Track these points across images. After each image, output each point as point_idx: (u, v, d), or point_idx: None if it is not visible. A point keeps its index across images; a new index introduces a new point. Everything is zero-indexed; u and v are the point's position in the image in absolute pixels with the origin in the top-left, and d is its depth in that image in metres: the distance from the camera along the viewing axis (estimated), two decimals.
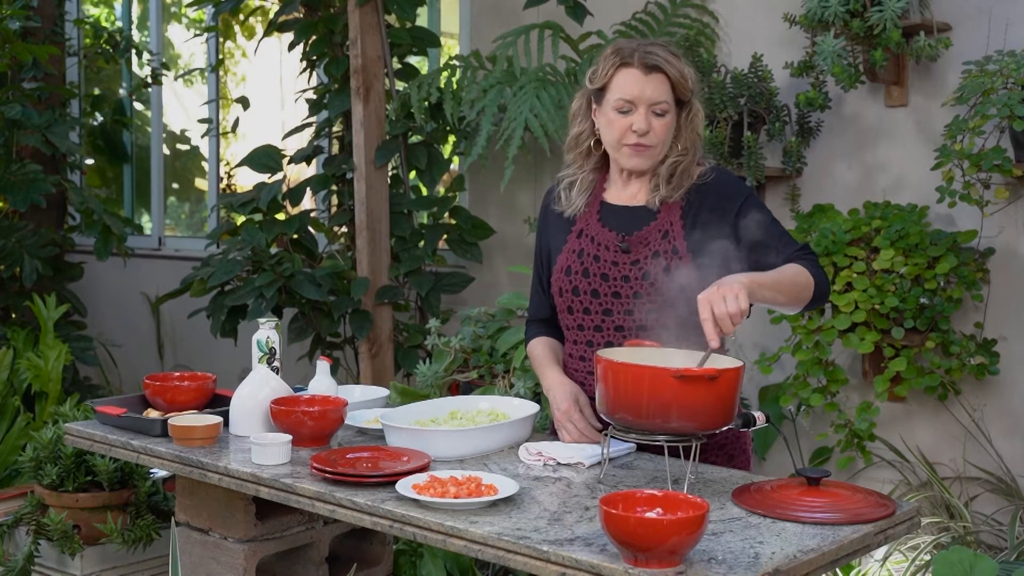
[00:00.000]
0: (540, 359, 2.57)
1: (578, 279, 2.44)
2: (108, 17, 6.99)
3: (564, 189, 2.54)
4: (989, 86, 3.30)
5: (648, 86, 2.35)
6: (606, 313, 2.42)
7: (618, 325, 2.40)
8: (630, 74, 2.36)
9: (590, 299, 2.43)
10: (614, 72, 2.38)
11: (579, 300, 2.44)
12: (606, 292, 2.41)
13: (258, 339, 2.67)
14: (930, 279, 3.48)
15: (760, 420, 2.16)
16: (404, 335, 4.56)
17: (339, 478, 2.15)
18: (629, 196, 2.48)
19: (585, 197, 2.50)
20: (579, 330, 2.47)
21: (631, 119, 2.36)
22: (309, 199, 5.03)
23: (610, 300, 2.41)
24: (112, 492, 3.47)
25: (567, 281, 2.46)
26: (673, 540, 1.69)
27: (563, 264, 2.47)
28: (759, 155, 3.85)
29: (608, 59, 2.40)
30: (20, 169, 5.12)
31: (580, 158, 2.52)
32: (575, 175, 2.53)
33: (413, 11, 4.56)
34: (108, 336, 6.06)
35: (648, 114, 2.36)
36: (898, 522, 2.02)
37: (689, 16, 4.20)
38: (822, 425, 3.90)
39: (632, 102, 2.35)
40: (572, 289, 2.45)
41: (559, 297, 2.49)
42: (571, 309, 2.47)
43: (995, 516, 3.61)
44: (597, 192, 2.51)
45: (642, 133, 2.36)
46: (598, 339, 2.43)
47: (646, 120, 2.36)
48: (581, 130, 2.50)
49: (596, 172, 2.52)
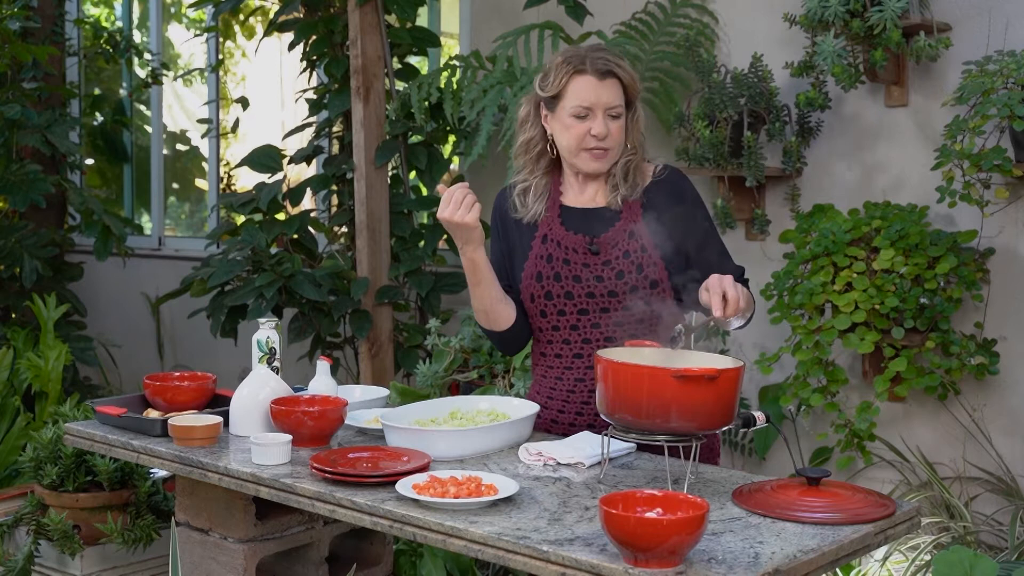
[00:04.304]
0: None
1: (550, 283, 2.51)
2: (108, 17, 6.99)
3: (518, 195, 2.60)
4: (989, 86, 3.30)
5: (604, 91, 2.45)
6: (581, 312, 2.50)
7: (595, 323, 2.49)
8: (585, 81, 2.45)
9: (564, 301, 2.50)
10: (568, 80, 2.46)
11: (552, 304, 2.51)
12: (579, 293, 2.49)
13: (258, 339, 2.67)
14: (930, 279, 3.48)
15: (760, 420, 2.17)
16: (404, 335, 4.56)
17: (339, 478, 2.15)
18: (588, 198, 2.57)
19: (543, 202, 2.57)
20: (554, 331, 2.54)
21: (588, 124, 2.45)
22: (309, 199, 5.03)
23: (584, 300, 2.49)
24: (112, 492, 3.47)
25: (539, 287, 2.52)
26: (673, 540, 1.69)
27: (532, 270, 2.53)
28: (759, 155, 3.85)
29: (560, 68, 2.47)
30: (20, 169, 5.12)
31: (530, 163, 2.59)
32: (527, 180, 2.60)
33: (413, 11, 4.56)
34: (108, 336, 6.06)
35: (605, 118, 2.45)
36: (898, 522, 2.02)
37: (689, 16, 4.20)
38: (822, 425, 3.90)
39: (590, 108, 2.45)
40: (545, 294, 2.51)
41: (531, 303, 2.55)
42: (544, 313, 2.53)
43: (995, 516, 3.61)
44: (554, 196, 2.58)
45: (602, 137, 2.45)
46: (575, 337, 2.51)
47: (604, 124, 2.45)
48: (531, 136, 2.58)
49: (547, 176, 2.59)
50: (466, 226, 2.38)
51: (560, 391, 2.56)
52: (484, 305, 2.53)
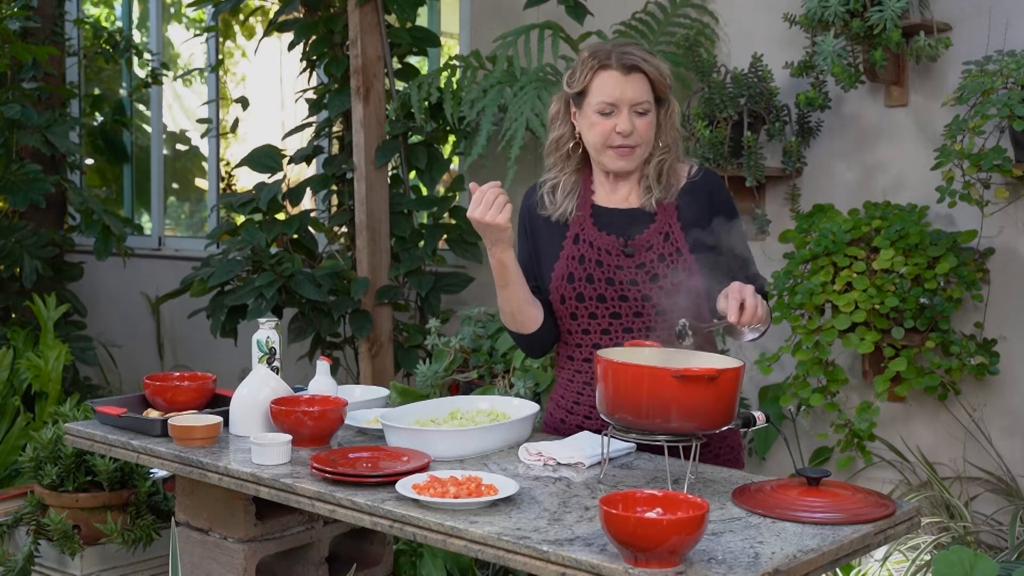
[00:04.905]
0: None
1: (582, 285, 2.44)
2: (108, 17, 6.99)
3: (547, 193, 2.54)
4: (989, 86, 3.30)
5: (629, 87, 2.38)
6: (614, 316, 2.43)
7: (627, 327, 2.42)
8: (610, 76, 2.39)
9: (596, 304, 2.44)
10: (592, 75, 2.40)
11: (584, 306, 2.45)
12: (612, 296, 2.43)
13: (258, 339, 2.67)
14: (930, 279, 3.48)
15: (760, 420, 2.17)
16: (404, 335, 4.56)
17: (339, 478, 2.15)
18: (621, 198, 2.50)
19: (573, 200, 2.51)
20: (584, 334, 2.47)
21: (614, 121, 2.39)
22: (309, 199, 5.03)
23: (617, 304, 2.43)
24: (112, 492, 3.47)
25: (570, 288, 2.46)
26: (673, 540, 1.69)
27: (563, 271, 2.47)
28: (759, 155, 3.85)
29: (586, 63, 2.42)
30: (20, 169, 5.12)
31: (560, 161, 2.53)
32: (556, 178, 2.54)
33: (413, 11, 4.56)
34: (108, 336, 6.06)
35: (631, 115, 2.39)
36: (898, 522, 2.02)
37: (689, 16, 4.20)
38: (822, 425, 3.90)
39: (614, 104, 2.38)
40: (576, 296, 2.45)
41: (561, 304, 2.48)
42: (575, 315, 2.47)
43: (995, 516, 3.61)
44: (585, 195, 2.52)
45: (627, 134, 2.39)
46: (606, 341, 2.45)
47: (629, 121, 2.39)
48: (561, 134, 2.52)
49: (577, 174, 2.53)
50: (497, 227, 2.32)
51: (587, 396, 2.50)
52: (511, 307, 2.46)
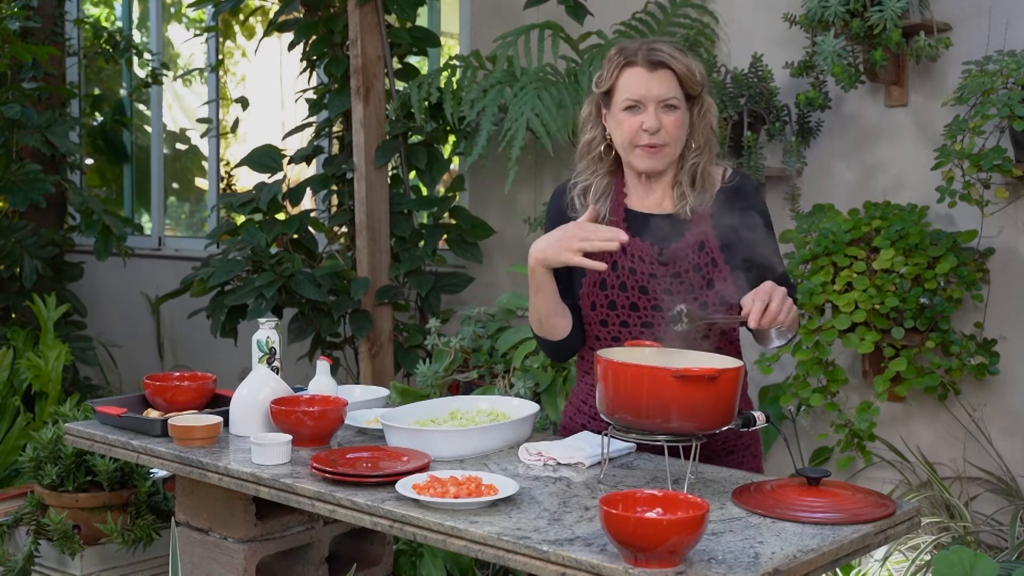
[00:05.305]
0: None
1: (614, 292, 2.39)
2: (108, 17, 6.99)
3: (578, 195, 2.47)
4: (989, 86, 3.30)
5: (654, 83, 2.32)
6: (645, 326, 2.37)
7: (657, 337, 2.34)
8: (635, 73, 2.33)
9: (628, 312, 2.39)
10: (619, 73, 2.35)
11: (616, 314, 2.39)
12: (645, 305, 2.37)
13: (258, 339, 2.67)
14: (930, 279, 3.48)
15: (760, 420, 2.16)
16: (404, 335, 4.56)
17: (339, 478, 2.15)
18: (654, 203, 2.43)
19: (606, 204, 2.44)
20: (614, 341, 2.41)
21: (640, 118, 2.32)
22: (309, 199, 5.03)
23: (650, 313, 2.37)
24: (112, 492, 3.47)
25: (602, 296, 2.40)
26: (673, 540, 1.69)
27: (595, 276, 2.40)
28: (759, 155, 3.85)
29: (612, 60, 2.37)
30: (20, 169, 5.12)
31: (592, 163, 2.46)
32: (588, 180, 2.47)
33: (413, 11, 4.56)
34: (108, 336, 6.06)
35: (657, 111, 2.32)
36: (898, 522, 2.02)
37: (689, 16, 4.20)
38: (822, 425, 3.90)
39: (640, 101, 2.32)
40: (608, 303, 2.39)
41: (591, 311, 2.42)
42: (605, 322, 2.41)
43: (995, 516, 3.61)
44: (617, 199, 2.45)
45: (653, 131, 2.32)
46: None
47: (656, 117, 2.32)
48: (592, 136, 2.45)
49: (609, 176, 2.46)
50: (567, 256, 2.25)
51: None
52: (541, 314, 2.40)
